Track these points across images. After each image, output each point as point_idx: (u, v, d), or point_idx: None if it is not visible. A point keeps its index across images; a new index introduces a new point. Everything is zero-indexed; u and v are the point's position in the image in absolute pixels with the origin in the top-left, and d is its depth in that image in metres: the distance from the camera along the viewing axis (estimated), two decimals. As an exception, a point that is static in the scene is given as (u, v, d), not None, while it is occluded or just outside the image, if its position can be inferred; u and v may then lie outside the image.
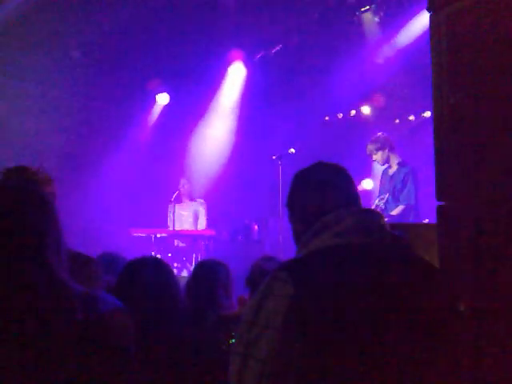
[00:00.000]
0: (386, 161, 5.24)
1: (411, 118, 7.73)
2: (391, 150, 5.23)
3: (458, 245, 1.77)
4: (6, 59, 6.32)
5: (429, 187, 2.14)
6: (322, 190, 1.58)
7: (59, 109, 6.97)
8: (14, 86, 6.70)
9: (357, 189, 1.66)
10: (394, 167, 5.23)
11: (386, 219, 1.54)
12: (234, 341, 2.29)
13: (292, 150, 5.49)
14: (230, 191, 7.46)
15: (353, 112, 7.80)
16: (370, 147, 5.24)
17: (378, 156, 5.21)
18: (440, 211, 1.83)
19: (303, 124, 7.39)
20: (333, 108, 7.58)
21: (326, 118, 7.93)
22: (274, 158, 5.57)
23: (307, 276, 1.33)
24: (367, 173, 6.91)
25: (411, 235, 1.95)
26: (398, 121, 7.92)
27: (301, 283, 1.30)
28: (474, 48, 1.76)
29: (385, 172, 5.36)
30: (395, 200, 5.09)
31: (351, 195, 1.61)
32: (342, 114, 7.91)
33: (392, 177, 5.21)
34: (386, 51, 6.33)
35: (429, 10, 1.90)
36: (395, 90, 7.03)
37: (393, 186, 5.13)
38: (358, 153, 6.06)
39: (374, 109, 7.61)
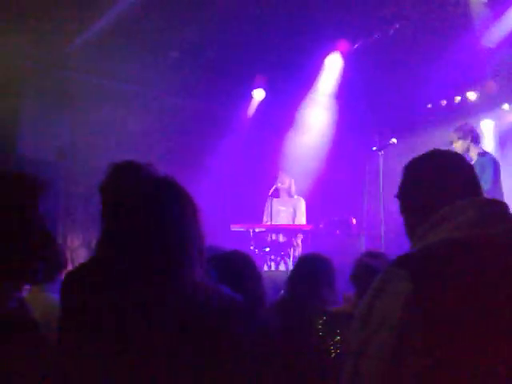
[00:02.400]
0: (466, 151, 5.16)
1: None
2: (473, 141, 5.20)
3: None
4: (109, 62, 6.58)
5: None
6: (439, 179, 1.47)
7: (161, 109, 7.20)
8: (117, 88, 6.99)
9: (477, 177, 1.52)
10: (475, 158, 5.18)
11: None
12: (338, 338, 2.20)
13: (394, 140, 5.29)
14: (328, 185, 7.35)
15: (457, 98, 7.41)
16: (452, 135, 5.23)
17: (458, 144, 5.17)
18: None
19: (406, 112, 7.09)
20: (437, 95, 7.22)
21: (429, 106, 7.59)
22: (374, 149, 5.40)
23: (426, 271, 1.23)
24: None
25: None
26: (506, 107, 7.42)
27: (420, 279, 1.21)
28: None
29: None
30: None
31: (471, 184, 1.48)
32: (445, 101, 7.53)
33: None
34: (495, 34, 5.91)
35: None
36: (505, 75, 6.57)
37: None
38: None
39: (481, 95, 7.17)
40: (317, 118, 7.66)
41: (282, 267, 5.86)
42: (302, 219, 6.39)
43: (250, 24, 6.27)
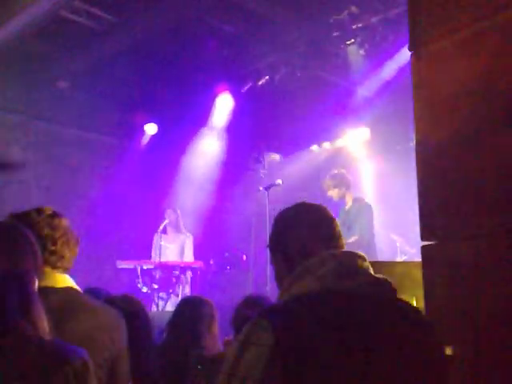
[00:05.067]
0: (342, 197, 5.49)
1: (397, 148, 7.80)
2: (347, 188, 5.51)
3: (443, 283, 1.75)
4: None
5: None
6: (305, 232, 1.56)
7: (48, 140, 6.94)
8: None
9: (338, 229, 1.64)
10: (349, 203, 5.51)
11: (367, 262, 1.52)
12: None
13: (279, 182, 5.50)
14: (217, 223, 7.42)
15: (340, 142, 7.87)
16: (328, 183, 5.49)
17: (334, 192, 5.46)
18: (424, 251, 1.82)
19: (290, 155, 7.43)
20: (320, 138, 7.63)
21: (312, 148, 7.98)
22: (261, 189, 5.58)
23: (289, 324, 1.29)
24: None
25: (388, 273, 1.93)
26: (384, 151, 8.00)
27: (282, 331, 1.26)
28: (452, 85, 1.77)
29: (342, 209, 5.60)
30: (350, 234, 5.31)
31: (334, 236, 1.59)
32: (329, 144, 7.97)
33: (348, 212, 5.48)
34: (372, 83, 6.42)
35: (410, 49, 1.92)
36: (382, 121, 7.11)
37: (349, 220, 5.37)
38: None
39: (360, 139, 7.67)
40: (207, 155, 7.77)
41: (169, 306, 5.77)
42: (189, 256, 6.39)
43: (144, 60, 6.31)
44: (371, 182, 8.07)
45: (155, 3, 5.30)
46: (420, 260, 1.89)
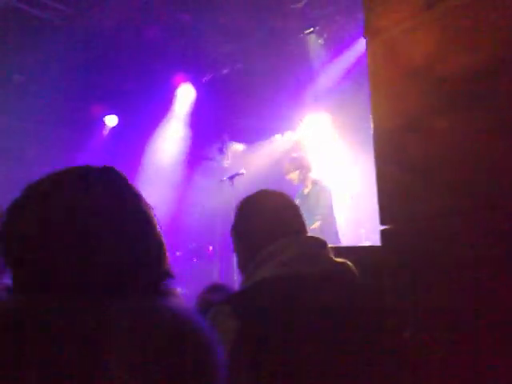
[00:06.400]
0: (302, 181, 5.39)
1: (359, 135, 7.92)
2: (308, 171, 5.40)
3: (403, 267, 1.80)
4: None
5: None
6: (268, 218, 1.58)
7: (4, 133, 6.76)
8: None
9: (302, 216, 1.66)
10: (309, 186, 5.40)
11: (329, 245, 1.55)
12: None
13: (243, 171, 5.50)
14: (181, 214, 7.39)
15: (301, 130, 7.92)
16: (288, 166, 5.37)
17: (294, 175, 5.36)
18: (384, 235, 1.86)
19: (253, 144, 7.45)
20: (281, 128, 7.66)
21: (275, 137, 8.02)
22: (224, 179, 5.57)
23: (252, 308, 1.31)
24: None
25: (352, 258, 1.97)
26: (345, 138, 8.10)
27: (246, 316, 1.29)
28: (403, 73, 1.81)
29: (300, 193, 5.51)
30: (312, 215, 5.26)
31: (297, 222, 1.62)
32: (291, 133, 8.02)
33: (307, 195, 5.39)
34: (332, 72, 6.48)
35: (364, 36, 1.95)
36: (342, 108, 7.19)
37: (309, 204, 5.31)
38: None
39: (321, 127, 7.74)
40: (170, 146, 7.72)
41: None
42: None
43: (102, 50, 6.19)
44: (333, 169, 8.17)
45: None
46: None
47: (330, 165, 8.21)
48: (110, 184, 1.11)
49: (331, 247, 1.69)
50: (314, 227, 5.19)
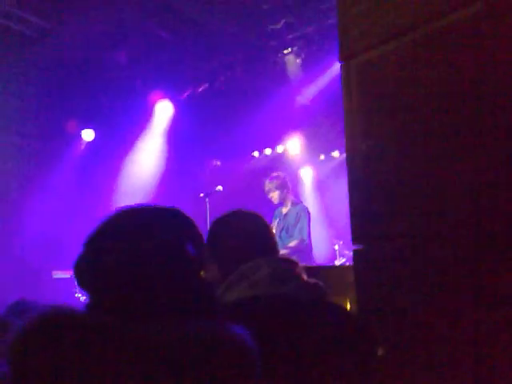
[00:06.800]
0: (282, 200, 5.44)
1: (335, 154, 8.04)
2: (288, 191, 5.46)
3: (374, 287, 1.82)
4: None
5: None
6: (241, 238, 1.59)
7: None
8: None
9: (274, 236, 1.68)
10: (288, 206, 5.46)
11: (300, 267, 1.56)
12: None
13: (219, 188, 5.51)
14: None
15: (279, 148, 7.99)
16: (270, 185, 5.41)
17: (275, 194, 5.40)
18: (356, 255, 1.89)
19: (231, 161, 7.47)
20: (259, 145, 7.72)
21: (253, 154, 8.07)
22: (201, 195, 5.57)
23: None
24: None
25: (323, 277, 1.98)
26: (322, 157, 8.20)
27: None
28: (381, 96, 1.85)
29: (278, 212, 5.56)
30: (289, 236, 5.34)
31: (269, 243, 1.63)
32: (270, 150, 8.08)
33: (286, 215, 5.45)
34: (309, 91, 6.57)
35: (340, 60, 1.99)
36: (319, 128, 7.28)
37: (287, 223, 5.38)
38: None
39: (298, 145, 7.82)
40: (147, 162, 7.69)
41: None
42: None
43: (79, 64, 6.19)
44: (309, 187, 8.26)
45: (90, 8, 5.21)
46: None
47: (307, 183, 8.30)
48: (184, 226, 1.26)
49: (303, 267, 1.70)
50: (290, 245, 5.24)
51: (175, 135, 7.45)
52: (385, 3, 1.85)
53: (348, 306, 2.23)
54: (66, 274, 5.78)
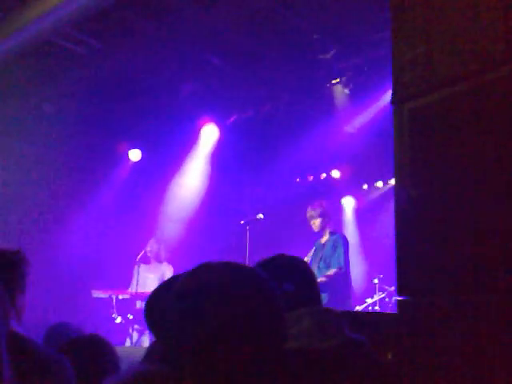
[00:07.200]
0: (322, 228, 5.44)
1: (379, 184, 7.92)
2: (329, 219, 5.50)
3: (419, 342, 1.74)
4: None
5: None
6: (280, 287, 1.55)
7: (32, 162, 6.86)
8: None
9: (317, 285, 1.64)
10: (327, 236, 5.46)
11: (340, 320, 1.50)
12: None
13: (260, 216, 5.50)
14: (197, 255, 7.33)
15: (323, 175, 7.94)
16: (312, 212, 5.44)
17: (316, 221, 5.42)
18: (400, 305, 1.81)
19: (273, 188, 7.45)
20: (302, 173, 7.69)
21: (297, 180, 8.04)
22: (242, 222, 5.56)
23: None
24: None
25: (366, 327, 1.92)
26: (366, 186, 8.09)
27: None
28: (434, 143, 1.80)
29: (318, 241, 5.57)
30: (326, 266, 5.29)
31: (312, 292, 1.59)
32: (312, 177, 8.03)
33: (324, 245, 5.44)
34: (357, 121, 6.51)
35: (392, 103, 1.95)
36: (366, 156, 7.19)
37: (325, 254, 5.35)
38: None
39: (343, 174, 7.75)
40: (191, 186, 7.74)
41: (145, 338, 5.65)
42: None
43: (128, 85, 6.32)
44: (350, 217, 8.14)
45: (141, 35, 5.34)
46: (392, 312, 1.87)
47: (348, 213, 8.19)
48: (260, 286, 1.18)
49: (345, 314, 1.64)
50: (328, 274, 5.18)
51: (219, 160, 7.50)
52: (442, 49, 1.81)
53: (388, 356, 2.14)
54: (105, 294, 5.83)
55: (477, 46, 1.66)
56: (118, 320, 5.61)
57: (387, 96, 5.97)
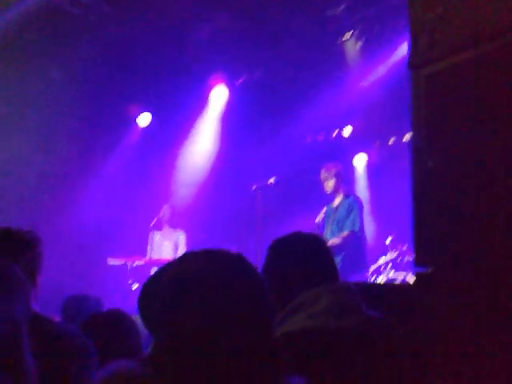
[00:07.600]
0: (336, 190, 5.34)
1: (391, 141, 7.78)
2: (343, 180, 5.40)
3: (435, 313, 1.71)
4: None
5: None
6: (300, 263, 1.53)
7: (40, 130, 6.81)
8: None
9: (334, 261, 1.61)
10: (339, 199, 5.37)
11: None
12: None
13: (271, 181, 5.44)
14: (209, 219, 7.32)
15: (334, 133, 7.81)
16: (325, 174, 5.35)
17: (330, 182, 5.32)
18: (419, 278, 1.78)
19: (284, 149, 7.35)
20: (315, 131, 7.58)
21: (308, 140, 7.92)
22: (254, 188, 5.51)
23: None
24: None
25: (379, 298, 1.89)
26: (378, 143, 7.96)
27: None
28: (451, 109, 1.73)
29: (329, 205, 5.47)
30: (340, 229, 5.24)
31: (329, 268, 1.56)
32: (323, 136, 7.91)
33: (337, 208, 5.35)
34: (369, 75, 6.35)
35: (409, 67, 1.86)
36: (378, 113, 7.05)
37: (338, 216, 5.28)
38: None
39: (355, 130, 7.62)
40: (202, 150, 7.66)
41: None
42: (182, 252, 6.30)
43: (137, 48, 6.21)
44: (362, 175, 8.04)
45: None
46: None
47: (360, 171, 8.10)
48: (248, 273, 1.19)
49: (362, 286, 1.61)
50: (341, 235, 5.16)
51: (229, 122, 7.39)
52: (462, 9, 1.71)
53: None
54: (121, 261, 5.88)
55: (496, 9, 1.56)
56: (135, 287, 5.67)
57: (401, 50, 5.80)
